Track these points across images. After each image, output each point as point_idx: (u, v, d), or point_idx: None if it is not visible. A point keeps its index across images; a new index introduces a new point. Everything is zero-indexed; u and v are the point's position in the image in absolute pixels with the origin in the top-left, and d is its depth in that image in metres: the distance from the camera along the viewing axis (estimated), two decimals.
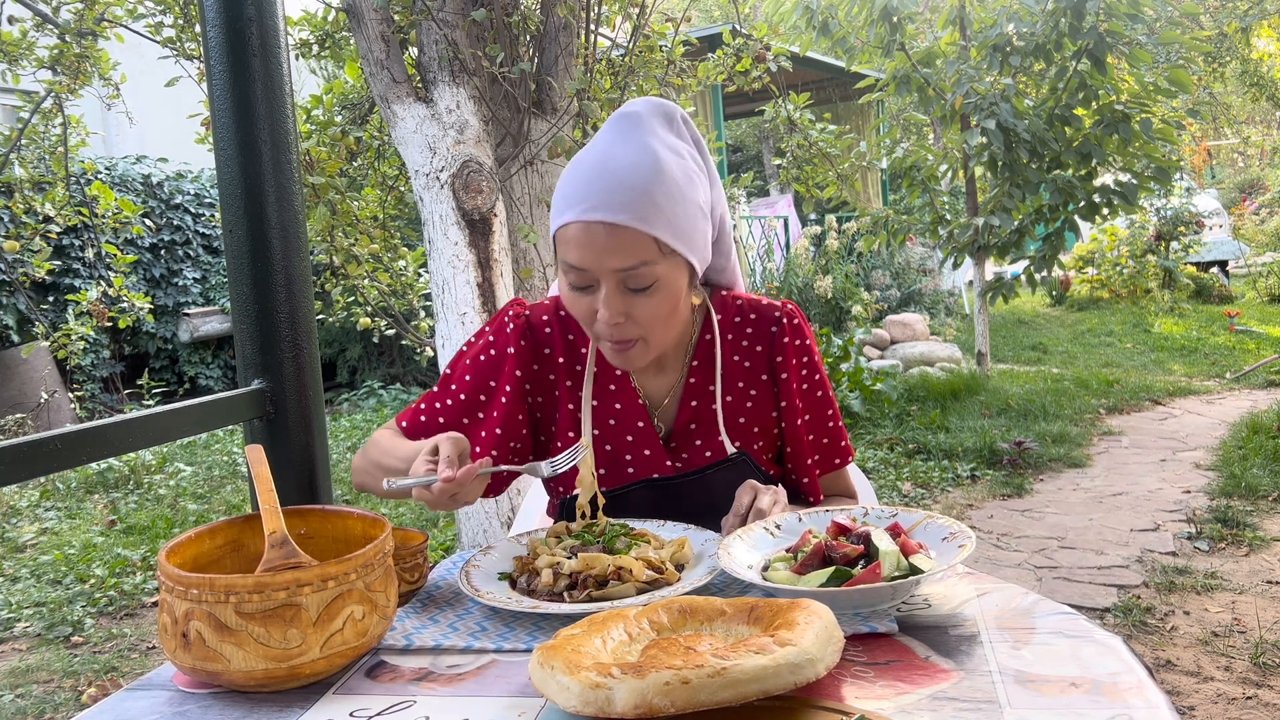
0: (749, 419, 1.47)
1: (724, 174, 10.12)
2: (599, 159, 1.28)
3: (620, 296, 1.29)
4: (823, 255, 10.05)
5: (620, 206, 1.24)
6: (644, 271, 1.27)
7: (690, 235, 1.30)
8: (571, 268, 1.29)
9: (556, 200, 1.31)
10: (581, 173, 1.28)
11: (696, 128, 1.41)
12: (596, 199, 1.25)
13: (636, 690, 0.81)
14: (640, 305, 1.29)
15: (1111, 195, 6.38)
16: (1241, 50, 14.71)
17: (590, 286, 1.30)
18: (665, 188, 1.26)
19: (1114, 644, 0.98)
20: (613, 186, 1.24)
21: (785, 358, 1.46)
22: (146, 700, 1.02)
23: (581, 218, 1.25)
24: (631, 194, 1.24)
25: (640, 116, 1.31)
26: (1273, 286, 11.37)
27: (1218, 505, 4.34)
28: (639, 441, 1.45)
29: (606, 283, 1.28)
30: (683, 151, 1.32)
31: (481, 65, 3.03)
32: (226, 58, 1.46)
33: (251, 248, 1.48)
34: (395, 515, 5.03)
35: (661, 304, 1.30)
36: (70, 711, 3.15)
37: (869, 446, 5.76)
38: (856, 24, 6.78)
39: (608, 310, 1.29)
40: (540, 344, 1.48)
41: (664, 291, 1.30)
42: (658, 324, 1.32)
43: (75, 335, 4.35)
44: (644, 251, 1.26)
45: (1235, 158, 26.11)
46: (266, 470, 1.11)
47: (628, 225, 1.24)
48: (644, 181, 1.25)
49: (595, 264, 1.27)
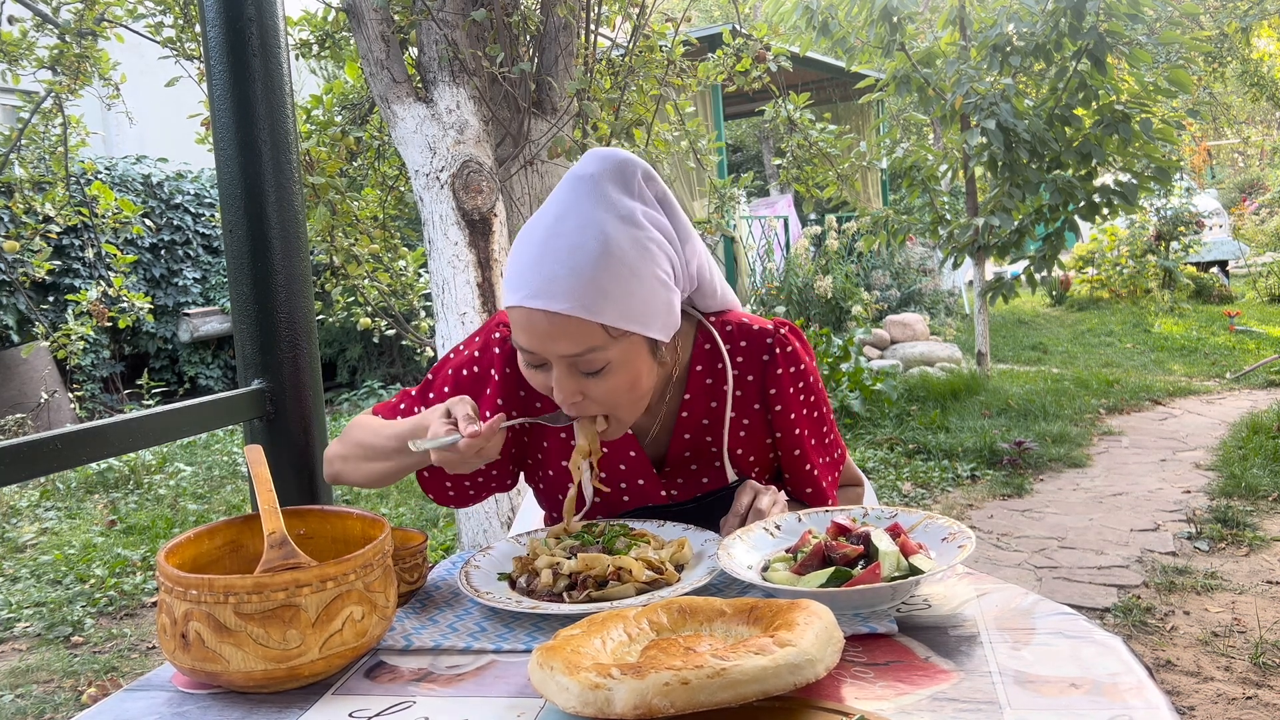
0: (745, 449, 1.44)
1: (724, 174, 10.12)
2: (543, 237, 1.21)
3: (572, 379, 1.24)
4: (823, 255, 10.05)
5: (562, 295, 1.17)
6: (592, 357, 1.21)
7: (645, 312, 1.22)
8: (522, 348, 1.25)
9: (505, 275, 1.26)
10: (527, 252, 1.22)
11: (661, 182, 1.32)
12: (536, 286, 1.19)
13: (636, 691, 0.81)
14: (595, 386, 1.25)
15: (1111, 195, 6.38)
16: (1241, 50, 14.71)
17: (544, 364, 1.26)
18: (612, 271, 1.19)
19: (1114, 644, 0.98)
20: (553, 274, 1.18)
21: (780, 390, 1.41)
22: (146, 701, 1.02)
23: (523, 304, 1.20)
24: (573, 282, 1.17)
25: (593, 180, 1.23)
26: (1273, 286, 11.37)
27: (1218, 505, 4.34)
28: (631, 470, 1.43)
29: (557, 366, 1.23)
30: (639, 218, 1.23)
31: (481, 65, 3.03)
32: (226, 58, 1.46)
33: (251, 248, 1.49)
34: (395, 515, 5.03)
35: (618, 383, 1.25)
36: (70, 711, 3.15)
37: (869, 446, 5.76)
38: (856, 24, 6.78)
39: (561, 392, 1.25)
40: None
41: (619, 373, 1.24)
42: (618, 401, 1.27)
43: (75, 335, 4.35)
44: (590, 338, 1.20)
45: (1235, 158, 26.11)
46: (266, 470, 1.11)
47: (570, 315, 1.18)
48: (587, 267, 1.17)
49: (541, 349, 1.22)
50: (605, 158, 1.25)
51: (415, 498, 5.36)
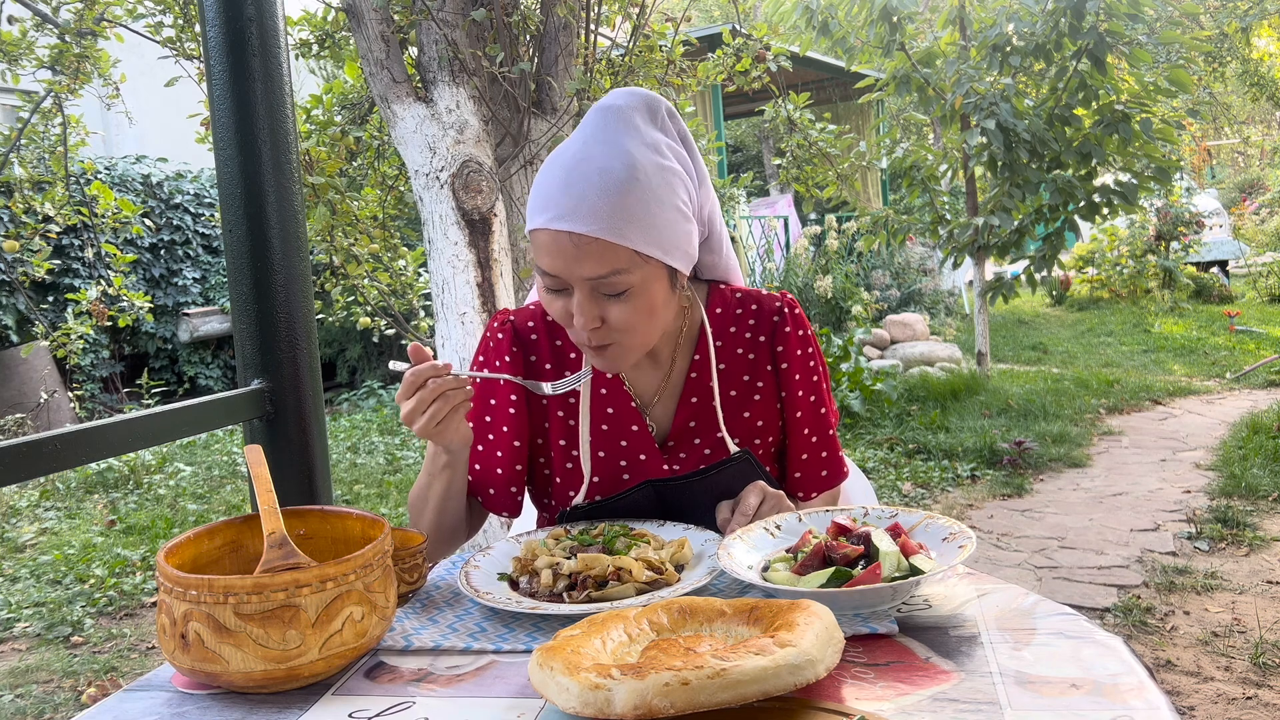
0: (754, 413, 1.44)
1: (724, 174, 10.12)
2: (571, 162, 1.23)
3: (593, 302, 1.26)
4: (823, 255, 10.05)
5: (589, 217, 1.20)
6: (616, 280, 1.23)
7: (667, 240, 1.25)
8: (544, 273, 1.27)
9: (530, 200, 1.28)
10: (554, 176, 1.24)
11: (684, 122, 1.36)
12: (565, 207, 1.21)
13: (636, 691, 0.81)
14: (615, 310, 1.26)
15: (1111, 195, 6.38)
16: (1241, 50, 14.71)
17: (565, 290, 1.27)
18: (639, 195, 1.21)
19: (1114, 645, 0.98)
20: (582, 195, 1.20)
21: (787, 347, 1.44)
22: (145, 701, 1.02)
23: (549, 226, 1.22)
24: (601, 203, 1.20)
25: (620, 111, 1.26)
26: (1273, 286, 11.37)
27: (1218, 505, 4.34)
28: (634, 446, 1.43)
29: (579, 289, 1.25)
30: (664, 149, 1.27)
31: (481, 65, 3.03)
32: (226, 58, 1.46)
33: (251, 248, 1.48)
34: (395, 516, 5.03)
35: (637, 309, 1.27)
36: (70, 711, 3.15)
37: (869, 446, 5.76)
38: (856, 24, 6.78)
39: (582, 316, 1.26)
40: (528, 350, 1.46)
41: (639, 297, 1.26)
42: (634, 329, 1.29)
43: (75, 335, 4.35)
44: (615, 261, 1.22)
45: (1235, 158, 26.12)
46: (265, 470, 1.11)
47: (597, 236, 1.20)
48: (616, 190, 1.20)
49: (565, 272, 1.24)
50: (633, 93, 1.29)
51: None
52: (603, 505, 1.41)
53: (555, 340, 1.46)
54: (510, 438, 1.44)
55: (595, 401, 1.43)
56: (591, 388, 1.44)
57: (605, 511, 1.41)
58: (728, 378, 1.44)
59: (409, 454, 6.46)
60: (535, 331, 1.46)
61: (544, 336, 1.46)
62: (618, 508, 1.42)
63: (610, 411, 1.43)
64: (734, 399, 1.44)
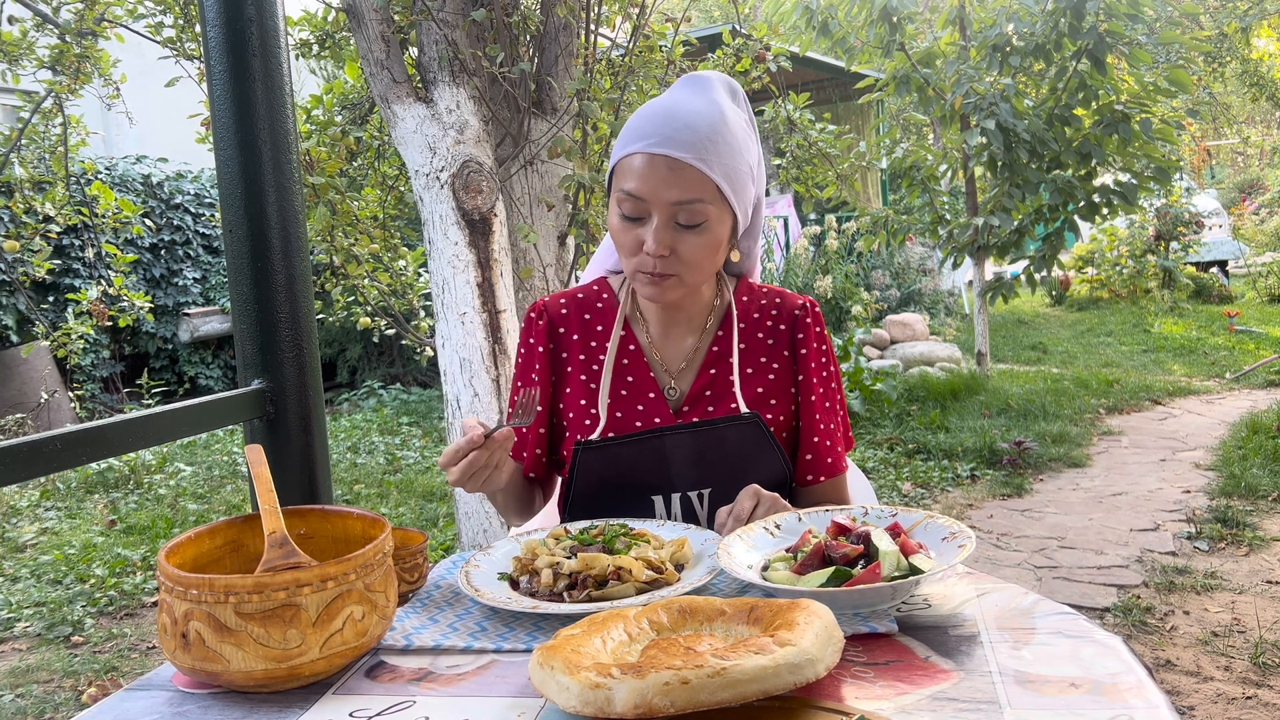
0: (767, 390, 1.51)
1: None
2: (668, 104, 1.37)
3: (669, 230, 1.36)
4: (823, 255, 10.05)
5: (685, 145, 1.33)
6: (697, 208, 1.35)
7: (741, 188, 1.39)
8: (628, 196, 1.36)
9: (622, 136, 1.40)
10: (651, 112, 1.37)
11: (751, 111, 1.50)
12: (664, 135, 1.34)
13: (636, 690, 0.81)
14: (685, 241, 1.37)
15: (1111, 195, 6.38)
16: (1241, 50, 14.71)
17: (642, 219, 1.37)
18: (727, 140, 1.36)
19: (1114, 644, 0.98)
20: (680, 127, 1.34)
21: (807, 337, 1.52)
22: (146, 700, 1.02)
23: (646, 149, 1.34)
24: (697, 136, 1.34)
25: (709, 80, 1.41)
26: (1273, 286, 11.36)
27: (1217, 505, 4.34)
28: (649, 410, 1.49)
29: (659, 214, 1.35)
30: (742, 119, 1.42)
31: (481, 65, 3.03)
32: (226, 58, 1.46)
33: (251, 248, 1.48)
34: (395, 515, 5.03)
35: (705, 244, 1.38)
36: (70, 711, 3.15)
37: (869, 446, 5.76)
38: (856, 24, 6.78)
39: (655, 242, 1.35)
40: (557, 325, 1.55)
41: (710, 233, 1.37)
42: (699, 264, 1.39)
43: (75, 335, 4.35)
44: (700, 189, 1.34)
45: (1235, 158, 26.11)
46: (266, 470, 1.11)
47: (690, 163, 1.33)
48: (709, 129, 1.34)
49: (652, 194, 1.34)
50: (716, 74, 1.45)
51: (415, 498, 5.36)
52: (613, 442, 1.46)
53: (585, 314, 1.56)
54: (538, 422, 1.54)
55: (617, 370, 1.51)
56: (615, 356, 1.52)
57: (613, 451, 1.46)
58: (747, 355, 1.52)
59: (409, 454, 6.46)
60: (566, 307, 1.57)
61: (574, 311, 1.57)
62: (622, 456, 1.45)
63: (630, 380, 1.50)
64: (751, 375, 1.51)
